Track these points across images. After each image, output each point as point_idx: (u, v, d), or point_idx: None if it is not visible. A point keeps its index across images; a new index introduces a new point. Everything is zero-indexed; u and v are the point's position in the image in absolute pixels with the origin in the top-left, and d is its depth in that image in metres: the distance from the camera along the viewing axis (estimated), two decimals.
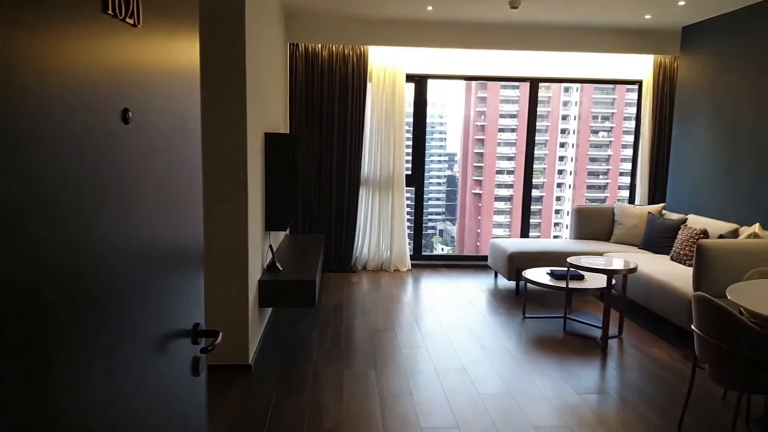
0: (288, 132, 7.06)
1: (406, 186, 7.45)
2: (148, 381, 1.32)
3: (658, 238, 6.38)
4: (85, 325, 1.01)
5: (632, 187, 7.85)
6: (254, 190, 4.35)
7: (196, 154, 1.63)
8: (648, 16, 6.39)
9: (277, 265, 4.82)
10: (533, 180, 7.98)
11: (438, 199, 23.61)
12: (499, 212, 22.23)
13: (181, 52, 1.51)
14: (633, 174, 7.84)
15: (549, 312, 5.81)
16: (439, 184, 23.44)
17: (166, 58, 1.40)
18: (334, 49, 7.02)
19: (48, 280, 0.89)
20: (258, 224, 4.57)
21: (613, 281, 5.27)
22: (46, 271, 0.89)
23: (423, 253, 7.93)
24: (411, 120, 7.59)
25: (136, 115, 1.21)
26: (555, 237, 19.80)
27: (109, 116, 1.09)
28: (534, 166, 7.95)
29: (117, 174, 1.13)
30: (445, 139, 23.59)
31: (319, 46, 7.00)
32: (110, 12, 1.10)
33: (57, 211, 0.92)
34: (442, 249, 22.83)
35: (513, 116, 21.91)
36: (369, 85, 7.18)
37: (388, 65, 7.16)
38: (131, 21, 1.19)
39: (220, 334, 1.62)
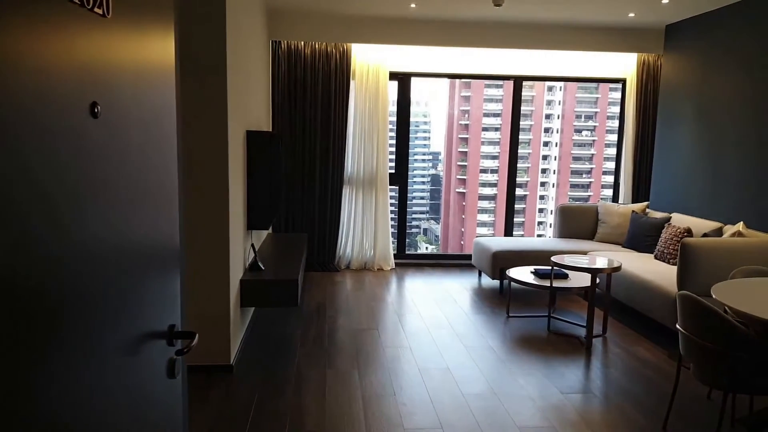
0: (270, 130, 6.99)
1: (390, 185, 7.41)
2: (121, 384, 1.26)
3: (641, 237, 6.39)
4: (53, 326, 0.95)
5: (616, 186, 7.86)
6: (236, 189, 4.29)
7: (171, 150, 1.57)
8: (632, 15, 6.40)
9: (259, 264, 4.76)
10: (517, 179, 7.97)
11: (422, 198, 23.62)
12: (483, 211, 22.29)
13: (154, 46, 1.45)
14: (616, 172, 7.86)
15: (533, 311, 5.80)
16: (423, 183, 23.46)
17: (138, 51, 1.34)
18: (316, 46, 6.96)
19: (11, 280, 0.84)
20: (239, 223, 4.50)
21: (597, 280, 5.27)
22: (9, 272, 0.83)
23: (407, 252, 7.90)
24: (395, 119, 7.55)
25: (106, 109, 1.16)
26: (539, 236, 19.88)
27: (76, 109, 1.04)
28: (518, 165, 7.95)
29: (85, 170, 1.07)
30: (430, 138, 23.62)
31: (302, 43, 6.94)
32: (77, 1, 1.04)
33: (21, 209, 0.87)
34: (427, 248, 22.84)
35: (497, 115, 21.97)
36: (352, 83, 7.13)
37: (371, 63, 7.11)
38: (100, 11, 1.13)
39: (197, 335, 1.56)
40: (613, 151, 8.03)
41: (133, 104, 1.31)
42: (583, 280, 5.35)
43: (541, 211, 21.65)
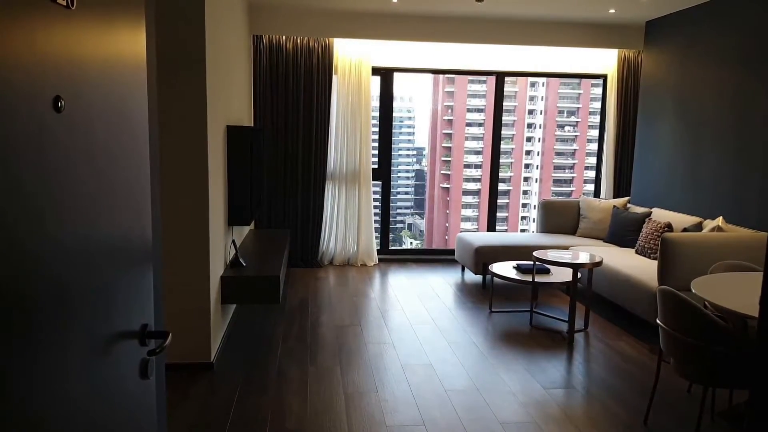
0: (252, 125, 6.93)
1: (374, 180, 7.38)
2: (92, 385, 1.23)
3: (623, 232, 6.42)
4: (16, 327, 0.92)
5: (597, 181, 7.90)
6: (216, 184, 4.24)
7: (142, 146, 1.54)
8: (612, 11, 6.42)
9: (241, 260, 4.71)
10: (501, 174, 7.98)
11: (407, 193, 23.59)
12: (467, 206, 22.32)
13: (123, 39, 1.41)
14: (598, 168, 7.89)
15: (516, 306, 5.81)
16: (408, 178, 23.41)
17: (105, 44, 1.30)
18: (298, 41, 6.90)
19: None
20: (220, 219, 4.46)
21: (579, 275, 5.29)
22: None
23: (391, 248, 7.88)
24: (378, 114, 7.52)
25: (70, 103, 1.12)
26: (522, 231, 19.98)
27: (37, 103, 1.00)
28: (501, 161, 7.95)
29: (48, 165, 1.04)
30: (414, 133, 23.58)
31: (284, 38, 6.88)
32: None
33: None
34: (411, 243, 22.83)
35: (480, 111, 21.99)
36: (335, 78, 7.09)
37: (353, 58, 7.07)
38: (63, 2, 1.10)
39: (170, 335, 1.53)
40: (595, 146, 8.07)
41: (100, 99, 1.27)
42: (565, 274, 5.36)
43: (524, 206, 21.71)
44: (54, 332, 1.07)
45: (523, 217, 21.50)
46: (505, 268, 5.52)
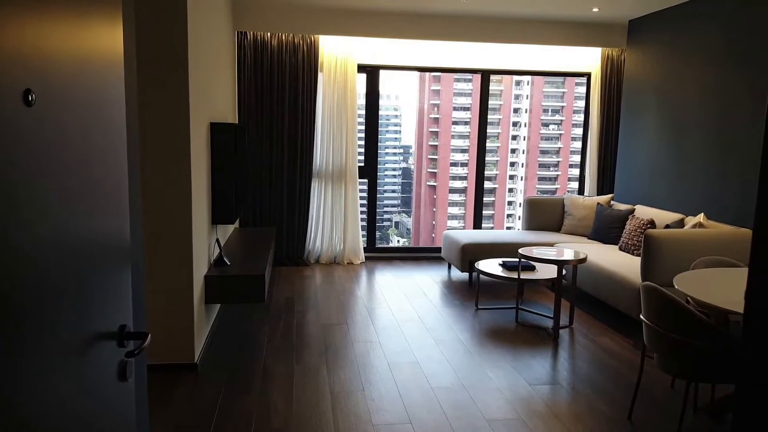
0: (236, 122, 6.89)
1: (360, 178, 7.37)
2: (67, 388, 1.21)
3: (606, 229, 6.45)
4: None
5: (581, 179, 7.93)
6: (199, 182, 4.20)
7: (119, 142, 1.51)
8: (595, 9, 6.44)
9: (225, 259, 4.68)
10: (486, 172, 7.99)
11: (394, 191, 23.61)
12: (454, 204, 22.38)
13: (99, 32, 1.39)
14: (582, 166, 7.92)
15: (501, 303, 5.82)
16: (395, 176, 23.44)
17: (80, 37, 1.28)
18: (283, 37, 6.87)
19: None
20: (203, 217, 4.42)
21: (564, 272, 5.30)
22: None
23: (377, 246, 7.87)
24: (364, 112, 7.50)
25: (42, 97, 1.10)
26: (508, 228, 20.05)
27: (6, 97, 0.98)
28: (487, 159, 7.96)
29: (17, 160, 1.01)
30: (400, 131, 23.61)
31: (268, 34, 6.85)
32: None
33: None
34: (398, 241, 22.85)
35: (466, 109, 22.04)
36: (320, 75, 7.06)
37: (339, 55, 7.05)
38: None
39: (149, 336, 1.51)
40: (579, 144, 8.10)
41: (75, 93, 1.25)
42: (549, 271, 5.38)
43: (510, 203, 21.82)
44: (27, 333, 1.05)
45: (509, 215, 21.60)
46: (491, 266, 5.52)
